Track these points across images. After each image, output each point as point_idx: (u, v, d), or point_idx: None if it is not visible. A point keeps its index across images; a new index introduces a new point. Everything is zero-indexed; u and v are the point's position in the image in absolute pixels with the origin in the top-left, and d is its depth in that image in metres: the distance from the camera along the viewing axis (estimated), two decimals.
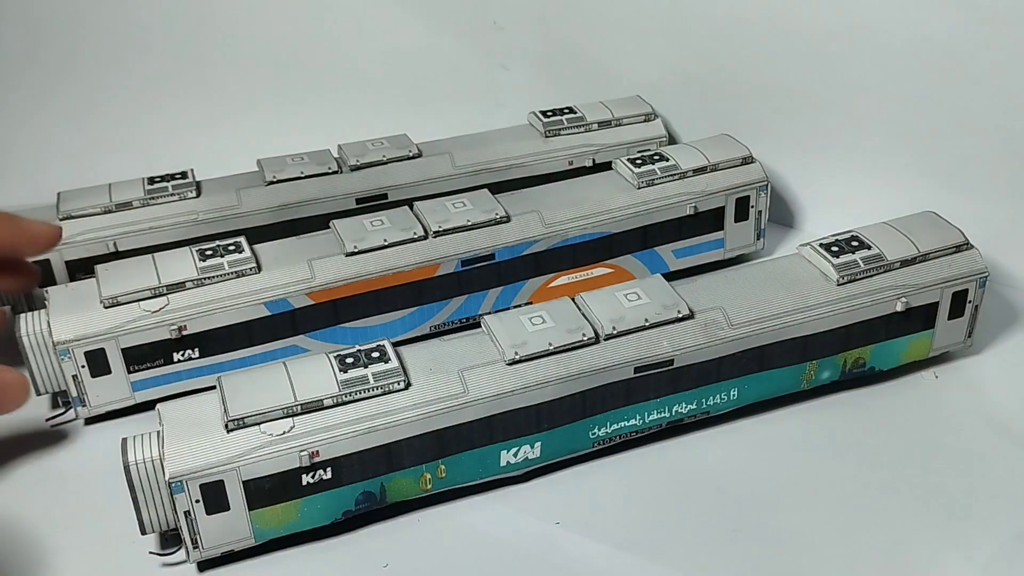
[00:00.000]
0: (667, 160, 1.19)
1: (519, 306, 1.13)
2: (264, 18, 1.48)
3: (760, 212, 1.22)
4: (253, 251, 1.07)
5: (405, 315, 1.11)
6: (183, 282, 1.03)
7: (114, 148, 1.46)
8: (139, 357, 1.03)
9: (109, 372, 1.02)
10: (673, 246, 1.20)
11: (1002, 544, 0.90)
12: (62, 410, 1.04)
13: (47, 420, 1.04)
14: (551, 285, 1.14)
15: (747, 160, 1.21)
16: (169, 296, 1.02)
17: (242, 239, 1.08)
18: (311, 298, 1.06)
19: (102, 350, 1.01)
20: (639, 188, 1.17)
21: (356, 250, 1.08)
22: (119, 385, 1.03)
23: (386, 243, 1.09)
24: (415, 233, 1.10)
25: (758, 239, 1.24)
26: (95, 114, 1.49)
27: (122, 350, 1.02)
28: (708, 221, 1.20)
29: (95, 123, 1.49)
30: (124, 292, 1.02)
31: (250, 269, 1.05)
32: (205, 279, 1.03)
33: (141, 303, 1.02)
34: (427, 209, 1.13)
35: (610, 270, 1.17)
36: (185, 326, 1.03)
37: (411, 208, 1.14)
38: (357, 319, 1.09)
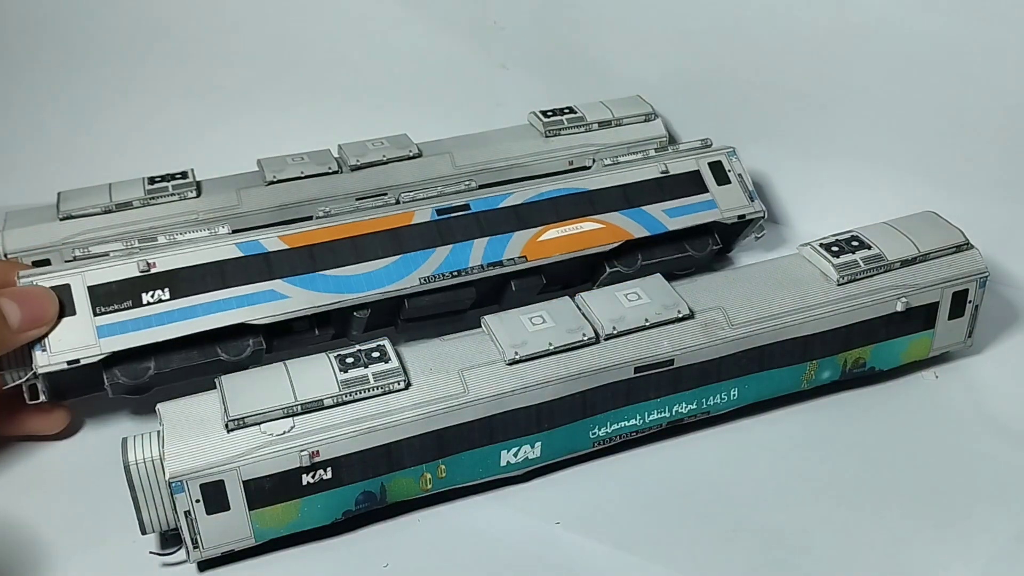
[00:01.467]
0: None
1: (512, 259, 1.10)
2: (264, 18, 1.48)
3: (740, 175, 1.20)
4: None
5: (389, 264, 1.07)
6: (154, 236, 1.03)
7: (114, 148, 1.46)
8: (106, 296, 0.99)
9: (74, 313, 0.98)
10: (663, 206, 1.17)
11: (1002, 544, 0.90)
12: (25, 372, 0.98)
13: (4, 388, 0.98)
14: (541, 239, 1.12)
15: (706, 142, 1.21)
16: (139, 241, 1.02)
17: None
18: (285, 241, 1.05)
19: (67, 287, 0.98)
20: (606, 165, 1.18)
21: (330, 212, 1.08)
22: (84, 328, 0.98)
23: (358, 207, 1.09)
24: (386, 202, 1.11)
25: (751, 200, 1.20)
26: (95, 114, 1.49)
27: (88, 288, 0.98)
28: (686, 183, 1.18)
29: (95, 123, 1.49)
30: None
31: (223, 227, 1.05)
32: (177, 234, 1.03)
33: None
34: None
35: (600, 225, 1.14)
36: (154, 263, 1.00)
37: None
38: (337, 267, 1.06)
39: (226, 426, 0.86)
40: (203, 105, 1.49)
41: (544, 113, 1.31)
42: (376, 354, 0.92)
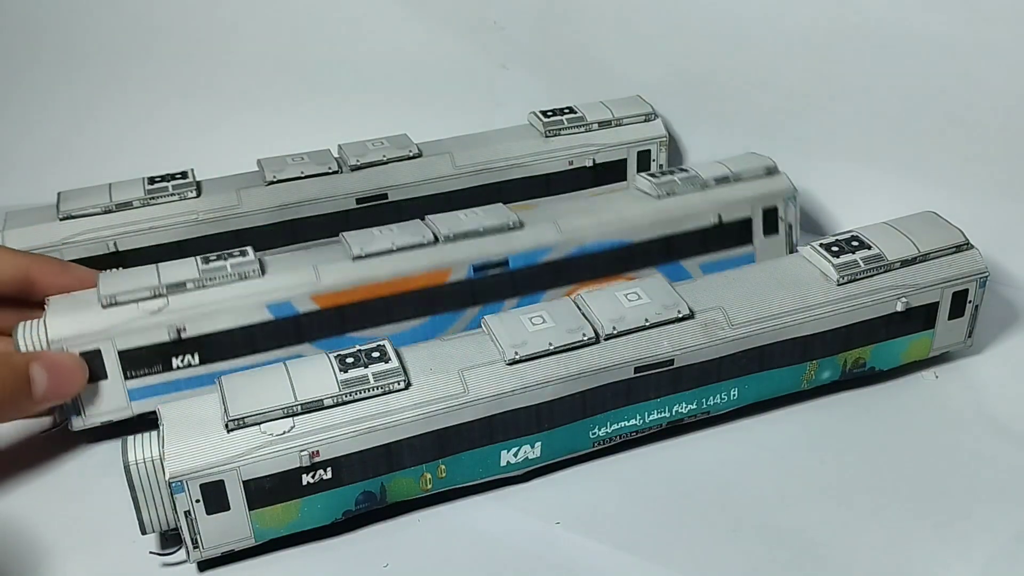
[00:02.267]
0: (688, 172, 1.18)
1: None
2: (264, 18, 1.48)
3: (790, 225, 1.19)
4: (258, 257, 1.05)
5: (417, 325, 1.08)
6: (183, 282, 1.01)
7: (114, 148, 1.46)
8: (137, 361, 1.00)
9: (105, 377, 1.00)
10: (700, 259, 1.16)
11: (1002, 544, 0.90)
12: (58, 420, 1.02)
13: (42, 432, 1.03)
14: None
15: (771, 171, 1.19)
16: (169, 297, 1.01)
17: (248, 248, 1.06)
18: (316, 302, 1.04)
19: (98, 351, 0.99)
20: (659, 199, 1.15)
21: (363, 253, 1.06)
22: (115, 393, 1.00)
23: (395, 247, 1.06)
24: (424, 238, 1.07)
25: (791, 252, 1.19)
26: (95, 114, 1.49)
27: (119, 353, 0.99)
28: (734, 234, 1.17)
29: (95, 123, 1.49)
30: (123, 291, 0.99)
31: (253, 271, 1.03)
32: (207, 280, 1.01)
33: (140, 303, 1.00)
34: (439, 218, 1.10)
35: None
36: (184, 328, 1.00)
37: (423, 219, 1.12)
38: (365, 327, 1.06)
39: (226, 426, 0.86)
40: (203, 105, 1.49)
41: (544, 113, 1.31)
42: (376, 354, 0.92)
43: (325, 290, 1.04)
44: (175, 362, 1.01)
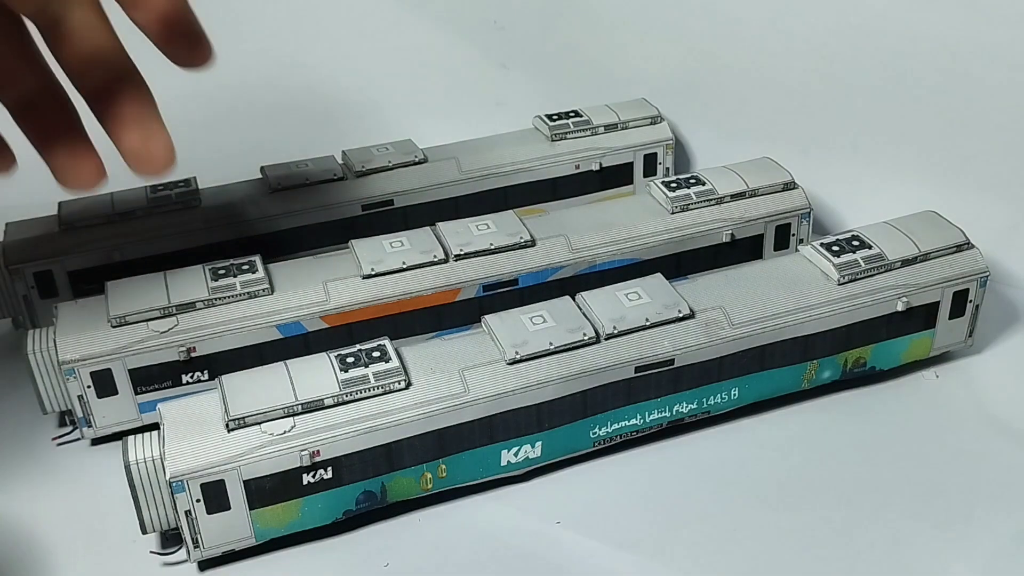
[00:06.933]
0: (703, 184, 1.17)
1: None
2: (264, 24, 1.49)
3: (802, 240, 1.19)
4: (267, 271, 1.05)
5: (423, 341, 1.07)
6: (193, 302, 1.01)
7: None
8: (147, 378, 1.01)
9: (116, 393, 1.01)
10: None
11: (1002, 544, 0.89)
12: (68, 429, 1.03)
13: (53, 439, 1.03)
14: None
15: (789, 186, 1.18)
16: (179, 316, 1.01)
17: (256, 258, 1.06)
18: (325, 321, 1.04)
19: (108, 370, 1.00)
20: (672, 213, 1.15)
21: (374, 272, 1.06)
22: (126, 406, 1.01)
23: (404, 265, 1.06)
24: (435, 256, 1.07)
25: None
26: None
27: (129, 371, 1.00)
28: (744, 250, 1.17)
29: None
30: (132, 311, 1.00)
31: (263, 290, 1.03)
32: (216, 299, 1.02)
33: (149, 323, 1.00)
34: (449, 229, 1.10)
35: None
36: (194, 348, 1.01)
37: (432, 227, 1.11)
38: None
39: (226, 426, 0.87)
40: (205, 112, 1.49)
41: (550, 117, 1.31)
42: (376, 354, 0.92)
43: (335, 309, 1.04)
44: (185, 378, 1.02)
